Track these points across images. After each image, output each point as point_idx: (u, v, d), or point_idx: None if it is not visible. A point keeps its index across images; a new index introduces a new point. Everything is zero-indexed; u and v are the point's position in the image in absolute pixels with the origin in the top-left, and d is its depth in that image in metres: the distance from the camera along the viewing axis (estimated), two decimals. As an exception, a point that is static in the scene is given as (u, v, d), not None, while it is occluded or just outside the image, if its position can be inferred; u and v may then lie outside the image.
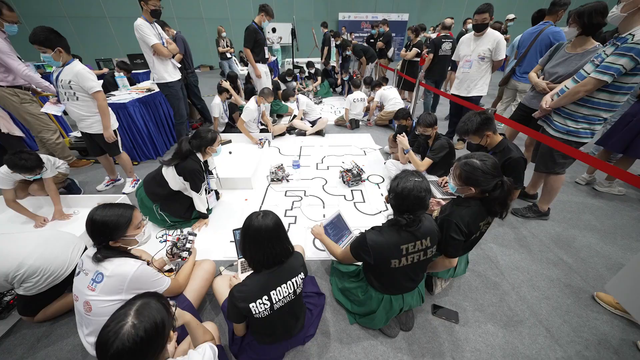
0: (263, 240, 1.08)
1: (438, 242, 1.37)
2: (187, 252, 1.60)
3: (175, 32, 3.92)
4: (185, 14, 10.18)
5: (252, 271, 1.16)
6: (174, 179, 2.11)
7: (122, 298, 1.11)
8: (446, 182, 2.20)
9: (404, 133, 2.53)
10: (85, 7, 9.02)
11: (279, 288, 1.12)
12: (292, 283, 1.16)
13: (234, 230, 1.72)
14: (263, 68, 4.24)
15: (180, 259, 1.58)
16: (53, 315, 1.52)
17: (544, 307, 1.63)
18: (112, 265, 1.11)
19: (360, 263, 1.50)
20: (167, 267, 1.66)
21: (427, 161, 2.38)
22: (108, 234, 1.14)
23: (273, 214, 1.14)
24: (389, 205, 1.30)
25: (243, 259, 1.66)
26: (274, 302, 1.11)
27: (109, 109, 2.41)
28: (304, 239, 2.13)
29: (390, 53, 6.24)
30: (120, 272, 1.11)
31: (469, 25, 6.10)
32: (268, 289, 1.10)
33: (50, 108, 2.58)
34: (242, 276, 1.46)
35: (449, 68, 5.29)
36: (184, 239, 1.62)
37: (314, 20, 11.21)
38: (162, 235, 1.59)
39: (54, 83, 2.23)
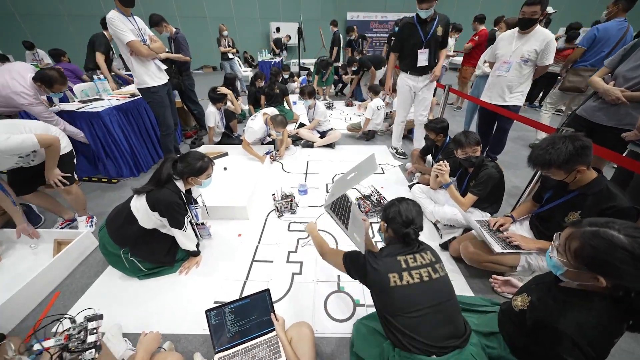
0: None
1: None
2: (93, 351, 0.93)
3: (174, 30, 3.45)
4: (188, 12, 9.76)
5: None
6: (145, 214, 1.60)
7: None
8: (497, 225, 1.66)
9: (444, 161, 1.97)
10: (84, 6, 8.64)
11: None
12: None
13: (207, 311, 1.14)
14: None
15: None
16: None
17: None
18: None
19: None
20: None
21: (471, 198, 1.83)
22: None
23: None
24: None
25: (222, 356, 1.12)
26: None
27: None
28: (312, 304, 1.58)
29: None
30: None
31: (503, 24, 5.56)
32: None
33: None
34: None
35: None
36: (79, 332, 0.95)
37: (321, 20, 10.71)
38: (34, 344, 0.90)
39: None
